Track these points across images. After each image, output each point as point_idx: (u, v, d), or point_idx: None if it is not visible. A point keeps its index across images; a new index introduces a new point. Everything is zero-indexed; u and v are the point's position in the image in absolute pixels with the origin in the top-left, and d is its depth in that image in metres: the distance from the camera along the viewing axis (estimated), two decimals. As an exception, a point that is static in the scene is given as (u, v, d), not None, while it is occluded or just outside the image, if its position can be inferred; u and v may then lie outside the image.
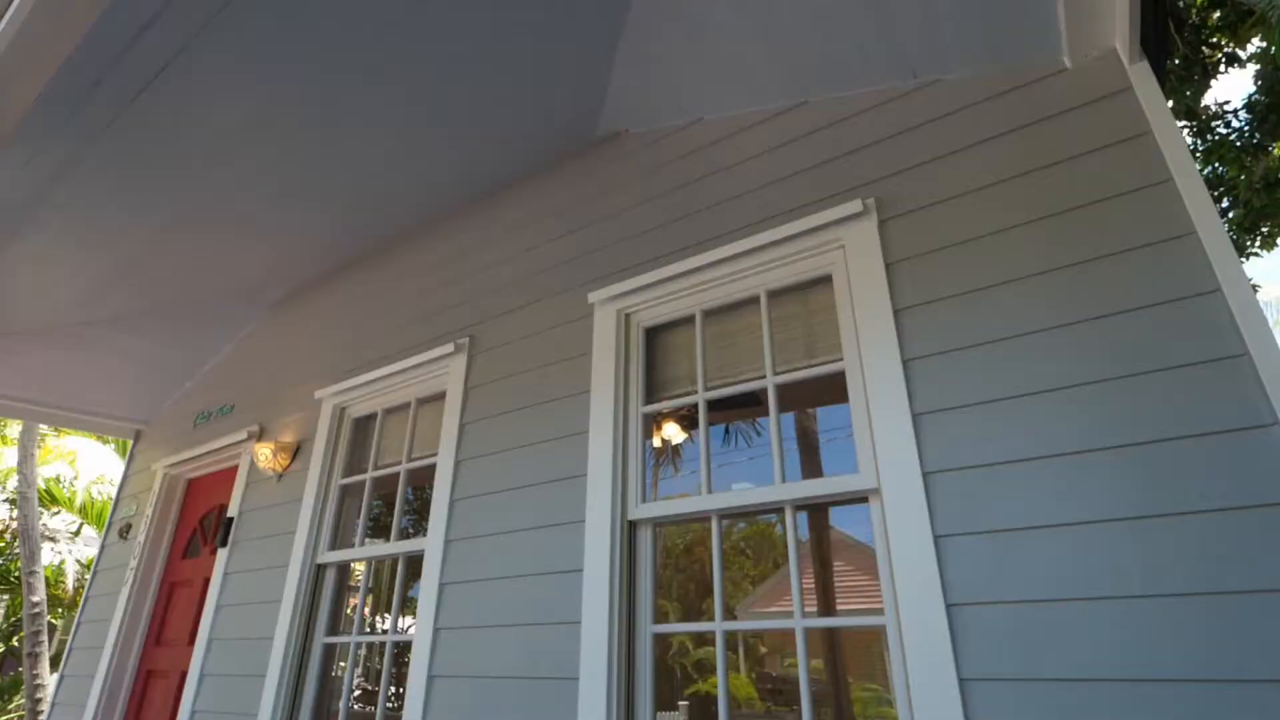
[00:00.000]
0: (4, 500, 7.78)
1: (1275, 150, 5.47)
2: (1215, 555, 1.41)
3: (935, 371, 1.86)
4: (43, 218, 3.11)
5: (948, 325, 1.88)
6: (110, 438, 8.41)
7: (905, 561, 1.71)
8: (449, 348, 3.06)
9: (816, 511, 4.34)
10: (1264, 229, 5.81)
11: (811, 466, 3.95)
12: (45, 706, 4.55)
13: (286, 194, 3.37)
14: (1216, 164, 5.95)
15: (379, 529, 3.65)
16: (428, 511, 2.82)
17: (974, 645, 1.57)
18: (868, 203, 2.13)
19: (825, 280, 2.24)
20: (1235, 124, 5.83)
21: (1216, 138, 5.89)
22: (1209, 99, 5.95)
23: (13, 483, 7.49)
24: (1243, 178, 5.62)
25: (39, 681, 5.80)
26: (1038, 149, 1.94)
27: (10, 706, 6.34)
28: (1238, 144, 5.78)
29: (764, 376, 2.23)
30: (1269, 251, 6.13)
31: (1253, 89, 5.71)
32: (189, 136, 2.80)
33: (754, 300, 2.38)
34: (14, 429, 7.72)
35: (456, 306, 3.24)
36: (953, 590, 1.63)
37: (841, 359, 2.08)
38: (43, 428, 7.64)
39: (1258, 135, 5.71)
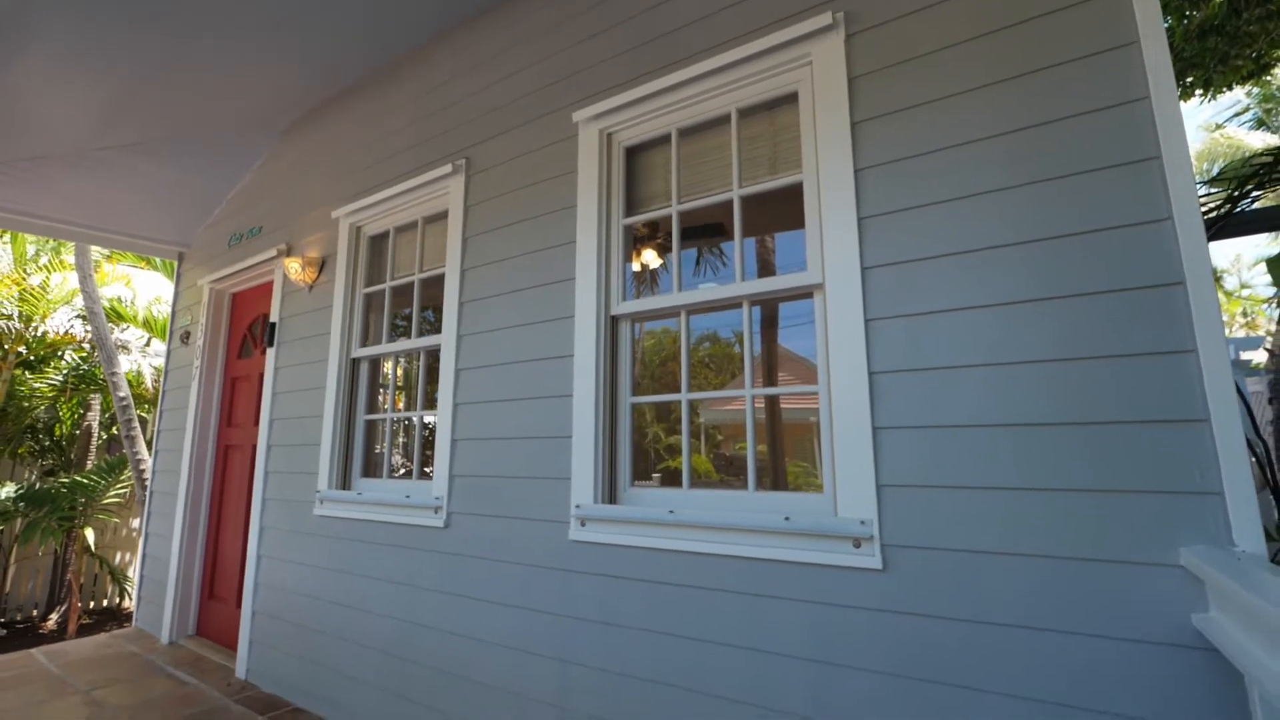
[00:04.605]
0: (76, 317, 7.61)
1: (1218, -4, 4.91)
2: (1105, 326, 1.44)
3: (882, 179, 1.76)
4: (41, 27, 2.68)
5: (897, 136, 1.75)
6: (157, 261, 8.10)
7: (839, 340, 1.74)
8: (447, 168, 2.85)
9: (769, 326, 4.42)
10: (1189, 79, 5.39)
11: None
12: (149, 475, 4.81)
13: (278, 19, 2.91)
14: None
15: (401, 332, 3.64)
16: (441, 315, 2.80)
17: (887, 402, 1.65)
18: (837, 16, 1.88)
19: (792, 98, 2.04)
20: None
21: (1166, -15, 5.25)
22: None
23: (79, 301, 7.30)
24: (1182, 24, 5.10)
25: (140, 457, 6.10)
26: (1007, -43, 1.68)
27: (122, 478, 6.76)
28: (1185, -8, 5.17)
29: (731, 190, 2.12)
30: (1186, 101, 5.75)
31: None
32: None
33: (725, 119, 2.18)
34: (69, 256, 7.36)
35: (453, 130, 2.96)
36: (875, 361, 1.68)
37: (801, 172, 1.96)
38: (96, 256, 7.28)
39: (1205, -18, 5.10)
